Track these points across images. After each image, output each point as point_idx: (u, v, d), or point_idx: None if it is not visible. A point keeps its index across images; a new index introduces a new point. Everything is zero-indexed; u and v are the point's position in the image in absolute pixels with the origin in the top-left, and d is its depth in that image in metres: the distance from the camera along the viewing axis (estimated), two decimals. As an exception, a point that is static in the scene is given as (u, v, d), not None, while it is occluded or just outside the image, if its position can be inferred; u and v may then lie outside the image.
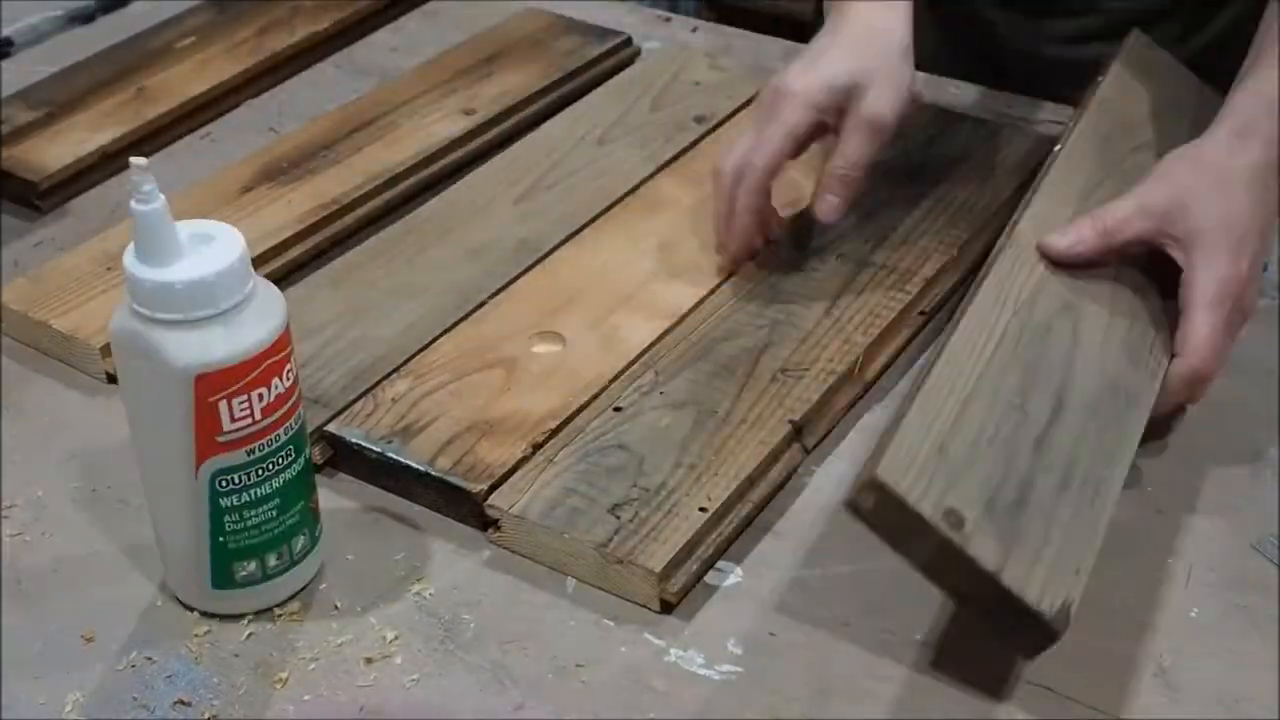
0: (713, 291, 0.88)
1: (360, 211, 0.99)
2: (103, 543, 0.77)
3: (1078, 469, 0.70)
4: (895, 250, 0.91)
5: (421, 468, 0.77)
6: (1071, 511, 0.69)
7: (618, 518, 0.73)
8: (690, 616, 0.72)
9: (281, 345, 0.68)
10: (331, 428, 0.80)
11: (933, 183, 0.97)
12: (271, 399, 0.67)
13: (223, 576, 0.71)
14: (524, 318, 0.87)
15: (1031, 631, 0.65)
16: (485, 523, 0.76)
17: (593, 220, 0.95)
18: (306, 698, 0.69)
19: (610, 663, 0.70)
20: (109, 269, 0.91)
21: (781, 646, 0.70)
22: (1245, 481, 0.78)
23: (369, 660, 0.70)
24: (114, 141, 1.05)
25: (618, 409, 0.80)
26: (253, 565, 0.71)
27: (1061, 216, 0.82)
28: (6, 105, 1.08)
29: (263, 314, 0.67)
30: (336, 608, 0.73)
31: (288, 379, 0.68)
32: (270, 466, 0.69)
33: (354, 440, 0.79)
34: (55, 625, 0.72)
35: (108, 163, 1.04)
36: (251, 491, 0.69)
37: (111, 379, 0.86)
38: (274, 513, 0.70)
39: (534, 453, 0.77)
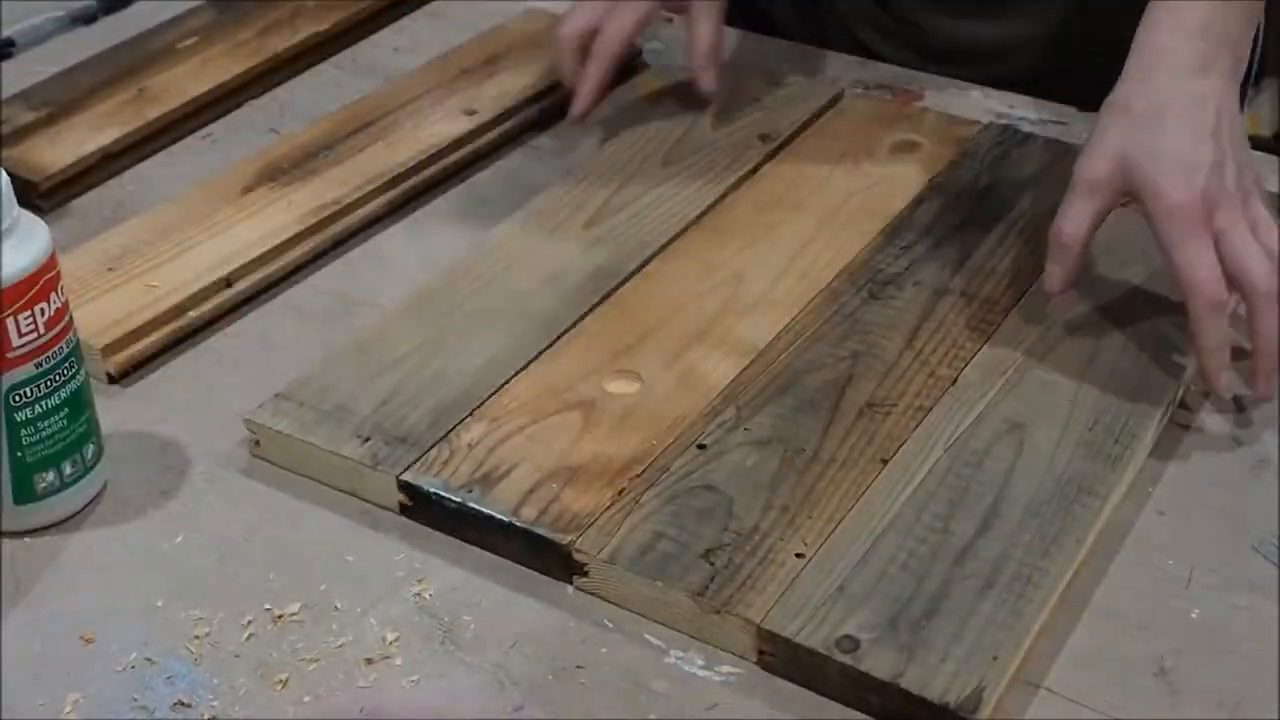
0: (789, 324, 0.86)
1: (361, 212, 0.99)
2: (102, 543, 0.77)
3: (1006, 568, 0.71)
4: (974, 277, 0.89)
5: (506, 518, 0.75)
6: (994, 607, 0.69)
7: (712, 564, 0.72)
8: (690, 617, 0.72)
9: (53, 263, 0.74)
10: (408, 476, 0.77)
11: (1006, 205, 0.95)
12: (52, 313, 0.73)
13: (25, 491, 0.76)
14: (597, 356, 0.84)
15: None
16: (572, 573, 0.74)
17: (664, 248, 0.93)
18: (306, 699, 0.69)
19: (610, 664, 0.70)
20: (110, 269, 0.91)
21: (782, 647, 0.70)
22: (1246, 482, 0.78)
23: (369, 661, 0.70)
24: (115, 142, 1.04)
25: (701, 446, 0.78)
26: (51, 475, 0.76)
27: (1005, 364, 0.83)
28: (7, 106, 1.08)
29: (30, 236, 0.73)
30: (336, 609, 0.73)
31: (61, 294, 0.74)
32: (58, 377, 0.75)
33: (432, 490, 0.76)
34: (55, 626, 0.72)
35: (109, 163, 1.04)
36: (43, 403, 0.74)
37: (113, 379, 0.86)
38: (65, 422, 0.76)
39: (620, 496, 0.75)
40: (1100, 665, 0.69)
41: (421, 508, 0.77)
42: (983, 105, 1.08)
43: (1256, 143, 1.00)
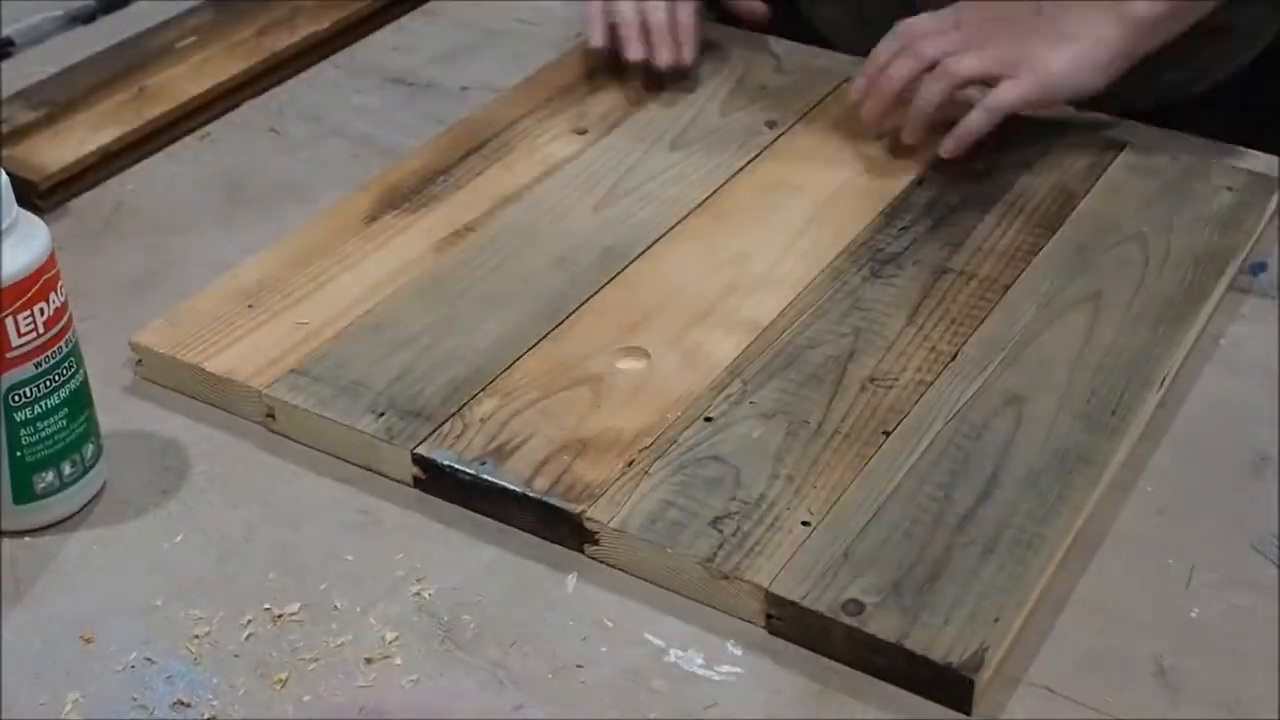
0: (792, 302, 0.88)
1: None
2: (102, 543, 0.77)
3: (1006, 534, 0.72)
4: (973, 256, 0.91)
5: (519, 489, 0.76)
6: (994, 571, 0.70)
7: (720, 531, 0.73)
8: (690, 617, 0.72)
9: (52, 262, 0.74)
10: (422, 450, 0.78)
11: (1005, 186, 0.97)
12: (51, 312, 0.73)
13: (25, 490, 0.76)
14: (605, 334, 0.86)
15: (951, 684, 0.67)
16: (584, 541, 0.75)
17: (671, 229, 0.94)
18: (306, 698, 0.69)
19: (610, 663, 0.70)
20: (250, 305, 0.88)
21: (781, 647, 0.70)
22: (1246, 481, 0.78)
23: (369, 661, 0.70)
24: (114, 141, 1.04)
25: (708, 419, 0.79)
26: (50, 475, 0.76)
27: (1004, 340, 0.84)
28: (7, 105, 1.08)
29: (29, 235, 0.73)
30: (336, 608, 0.73)
31: (61, 294, 0.74)
32: (57, 377, 0.75)
33: (446, 463, 0.78)
34: (55, 626, 0.72)
35: (108, 162, 1.04)
36: (43, 403, 0.75)
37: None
38: (64, 421, 0.76)
39: (629, 467, 0.77)
40: (1100, 664, 0.69)
41: (435, 480, 0.78)
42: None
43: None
